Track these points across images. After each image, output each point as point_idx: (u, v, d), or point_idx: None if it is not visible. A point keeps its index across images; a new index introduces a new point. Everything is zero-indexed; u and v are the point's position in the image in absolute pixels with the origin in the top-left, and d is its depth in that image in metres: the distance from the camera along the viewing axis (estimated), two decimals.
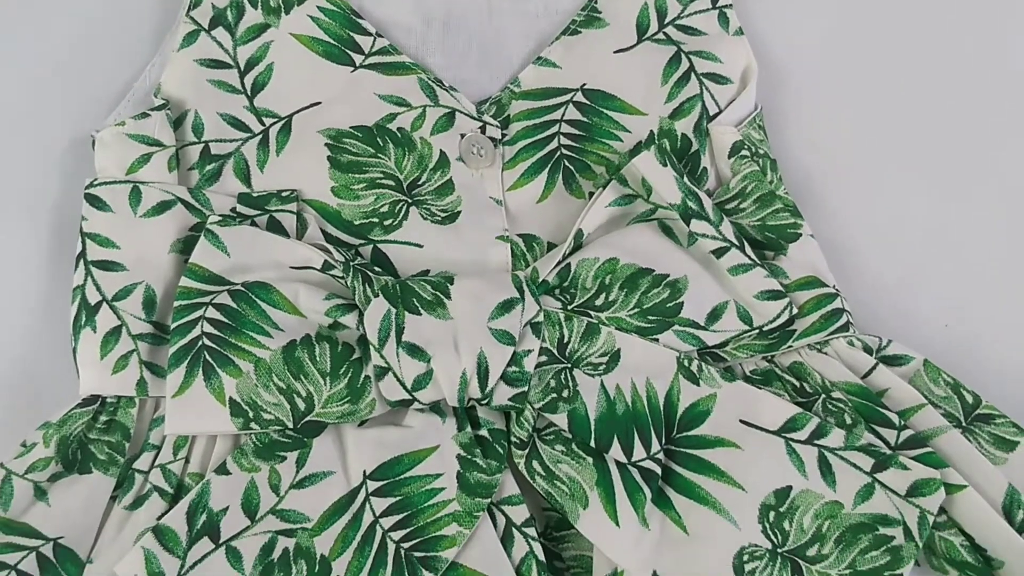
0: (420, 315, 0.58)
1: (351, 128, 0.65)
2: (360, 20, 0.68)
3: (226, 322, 0.58)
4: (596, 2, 0.70)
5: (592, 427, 0.58)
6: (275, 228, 0.62)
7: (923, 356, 0.63)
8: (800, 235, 0.65)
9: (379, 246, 0.64)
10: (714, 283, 0.62)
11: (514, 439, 0.58)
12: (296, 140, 0.65)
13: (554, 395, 0.59)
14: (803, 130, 0.73)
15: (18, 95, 0.69)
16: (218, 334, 0.58)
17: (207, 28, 0.66)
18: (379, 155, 0.65)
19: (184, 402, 0.56)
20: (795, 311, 0.62)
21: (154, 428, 0.59)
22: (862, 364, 0.63)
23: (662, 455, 0.58)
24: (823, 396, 0.61)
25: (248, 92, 0.65)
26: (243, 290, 0.59)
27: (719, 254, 0.62)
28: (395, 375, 0.57)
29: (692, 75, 0.68)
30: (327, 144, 0.65)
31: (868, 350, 0.63)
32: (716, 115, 0.68)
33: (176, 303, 0.58)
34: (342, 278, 0.59)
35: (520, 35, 0.70)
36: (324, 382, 0.57)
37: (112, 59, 0.69)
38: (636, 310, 0.61)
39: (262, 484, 0.56)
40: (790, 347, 0.63)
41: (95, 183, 0.62)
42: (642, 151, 0.63)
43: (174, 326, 0.57)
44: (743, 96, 0.69)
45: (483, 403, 0.58)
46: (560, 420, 0.58)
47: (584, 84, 0.68)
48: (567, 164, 0.66)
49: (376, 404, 0.58)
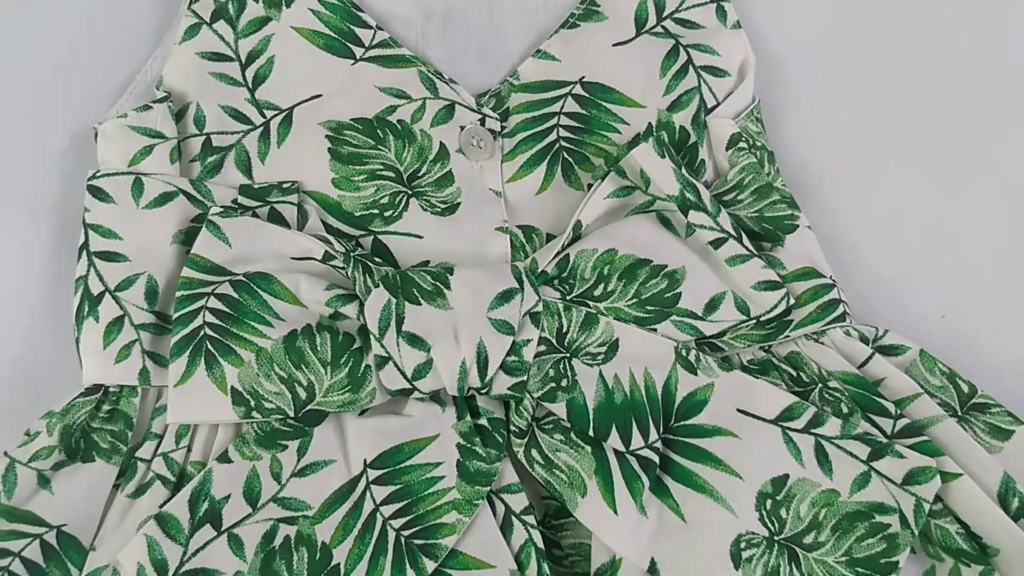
0: (420, 305, 0.58)
1: (351, 120, 0.65)
2: (360, 13, 0.68)
3: (228, 312, 0.58)
4: None
5: (591, 416, 0.58)
6: (276, 219, 0.62)
7: (919, 346, 0.64)
8: (797, 227, 0.65)
9: (379, 237, 0.64)
10: (712, 274, 0.62)
11: (513, 428, 0.59)
12: (297, 132, 0.65)
13: (553, 384, 0.59)
14: (800, 123, 0.73)
15: (21, 90, 0.69)
16: (220, 324, 0.58)
17: (208, 21, 0.67)
18: (379, 147, 0.65)
19: (186, 391, 0.57)
20: (792, 301, 0.62)
21: (156, 417, 0.59)
22: (859, 354, 0.63)
23: (660, 444, 0.58)
24: (820, 385, 0.62)
25: (249, 85, 0.66)
26: (245, 280, 0.59)
27: (717, 245, 0.62)
28: (395, 364, 0.58)
29: (690, 68, 0.68)
30: (328, 136, 0.65)
31: (865, 340, 0.64)
32: (714, 108, 0.68)
33: (178, 293, 0.58)
34: (343, 269, 0.60)
35: (519, 29, 0.70)
36: (325, 371, 0.58)
37: (114, 53, 0.70)
38: (634, 300, 0.61)
39: (263, 472, 0.57)
40: (787, 337, 0.63)
41: (98, 175, 0.62)
42: (640, 143, 0.63)
43: (176, 316, 0.58)
44: (741, 89, 0.69)
45: (483, 392, 0.58)
46: (559, 409, 0.58)
47: (583, 77, 0.68)
48: (566, 156, 0.67)
49: (376, 393, 0.58)
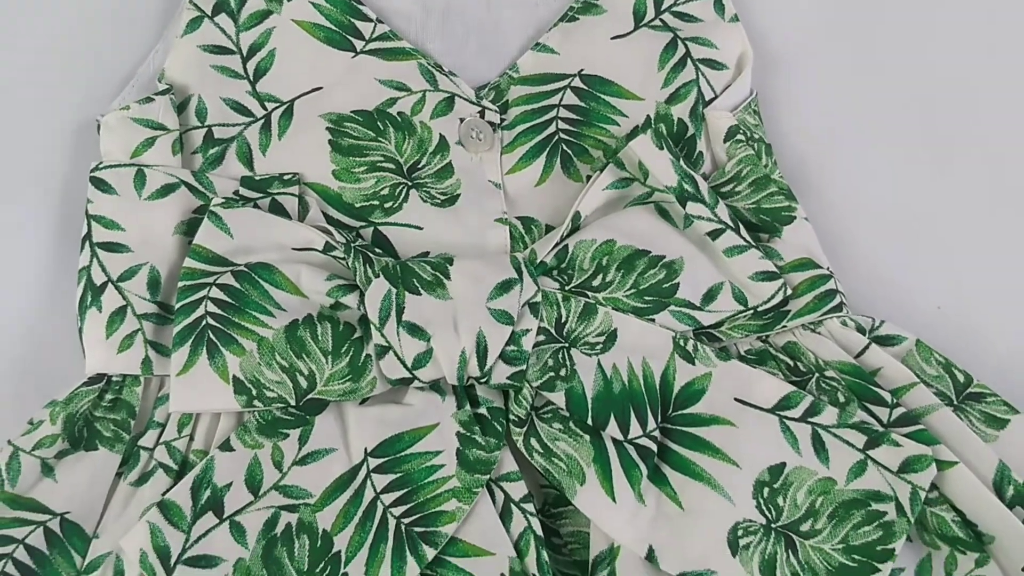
0: (420, 295, 0.59)
1: (352, 112, 0.66)
2: (360, 6, 0.68)
3: (230, 302, 0.58)
4: None
5: (589, 405, 0.58)
6: (277, 211, 0.62)
7: (916, 336, 0.64)
8: (794, 218, 0.66)
9: (379, 228, 0.64)
10: (709, 264, 0.62)
11: (512, 417, 0.59)
12: (298, 124, 0.65)
13: (552, 374, 0.59)
14: (798, 115, 0.73)
15: (24, 82, 0.70)
16: (222, 314, 0.58)
17: (210, 14, 0.67)
18: (379, 139, 0.65)
19: (188, 380, 0.57)
20: (789, 292, 0.63)
21: (159, 406, 0.60)
22: (855, 344, 0.63)
23: (658, 433, 0.58)
24: (817, 375, 0.62)
25: (250, 77, 0.66)
26: (246, 271, 0.59)
27: (714, 236, 0.62)
28: (396, 354, 0.58)
29: (688, 61, 0.69)
30: (328, 128, 0.65)
31: (861, 330, 0.64)
32: (712, 100, 0.68)
33: (180, 283, 0.59)
34: (343, 259, 0.60)
35: (518, 23, 0.71)
36: (326, 361, 0.58)
37: (116, 45, 0.70)
38: (633, 291, 0.61)
39: (265, 460, 0.57)
40: (784, 327, 0.64)
41: (100, 166, 0.63)
42: (639, 135, 0.63)
43: (178, 306, 0.58)
44: (738, 82, 0.69)
45: (482, 382, 0.59)
46: (558, 398, 0.59)
47: (582, 70, 0.68)
48: (565, 148, 0.67)
49: (377, 382, 0.58)
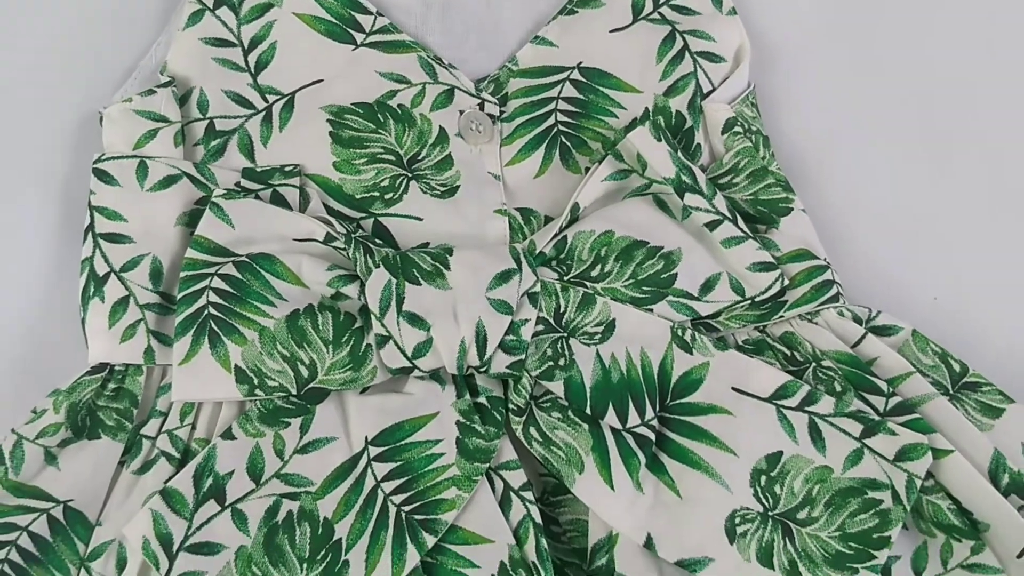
0: (420, 285, 0.59)
1: (352, 105, 0.66)
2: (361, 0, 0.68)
3: (231, 292, 0.59)
4: None
5: (588, 394, 0.59)
6: (279, 202, 0.63)
7: (912, 326, 0.64)
8: (792, 209, 0.66)
9: (380, 219, 0.64)
10: (707, 255, 0.63)
11: (512, 406, 0.59)
12: (299, 116, 0.65)
13: (551, 363, 0.59)
14: (795, 108, 0.74)
15: (27, 75, 0.70)
16: (223, 303, 0.59)
17: (211, 8, 0.67)
18: (380, 131, 0.66)
19: (191, 370, 0.57)
20: (786, 282, 0.63)
21: (161, 395, 0.60)
22: (852, 334, 0.64)
23: (656, 422, 0.59)
24: (813, 364, 0.62)
25: (252, 70, 0.66)
26: (248, 261, 0.60)
27: (712, 227, 0.63)
28: (396, 343, 0.58)
29: (686, 54, 0.69)
30: (329, 120, 0.65)
31: (858, 320, 0.64)
32: (710, 93, 0.69)
33: (182, 274, 0.59)
34: (344, 250, 0.60)
35: (518, 16, 0.71)
36: (327, 350, 0.59)
37: (119, 38, 0.70)
38: (631, 281, 0.62)
39: (267, 449, 0.57)
40: (781, 317, 0.64)
41: (103, 158, 0.63)
42: (637, 127, 0.63)
43: (180, 296, 0.58)
44: (736, 74, 0.69)
45: (481, 371, 0.59)
46: (557, 388, 0.59)
47: (581, 62, 0.69)
48: (564, 140, 0.67)
49: (377, 371, 0.59)
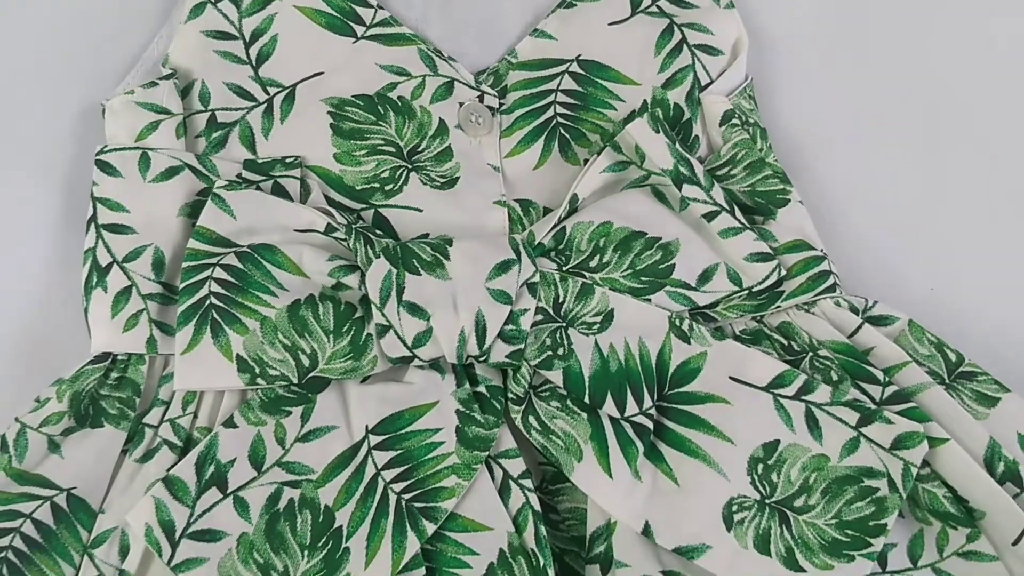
0: (420, 275, 0.60)
1: (353, 97, 0.66)
2: None
3: (233, 282, 0.59)
4: None
5: (586, 384, 0.59)
6: (280, 193, 0.63)
7: (908, 317, 0.65)
8: (789, 200, 0.66)
9: (380, 210, 0.65)
10: (705, 246, 0.63)
11: (511, 395, 0.60)
12: (300, 109, 0.66)
13: (550, 353, 0.60)
14: (792, 100, 0.74)
15: (30, 67, 0.70)
16: (225, 293, 0.59)
17: (213, 1, 0.67)
18: (380, 123, 0.66)
19: (193, 359, 0.58)
20: (783, 273, 0.63)
21: (163, 384, 0.60)
22: (848, 324, 0.64)
23: (654, 411, 0.59)
24: (810, 354, 0.63)
25: (253, 62, 0.67)
26: (249, 252, 0.60)
27: (710, 218, 0.63)
28: (396, 333, 0.59)
29: (684, 46, 0.69)
30: (330, 112, 0.66)
31: (854, 310, 0.65)
32: (707, 85, 0.69)
33: (184, 264, 0.59)
34: (344, 240, 0.61)
35: (517, 9, 0.71)
36: (328, 340, 0.59)
37: (121, 31, 0.71)
38: (629, 271, 0.62)
39: (268, 437, 0.58)
40: (778, 307, 0.64)
41: (105, 149, 0.63)
42: (636, 119, 0.64)
43: (183, 286, 0.59)
44: (734, 67, 0.70)
45: (481, 360, 0.59)
46: (555, 377, 0.59)
47: (579, 55, 0.69)
48: (563, 132, 0.68)
49: (378, 361, 0.59)
